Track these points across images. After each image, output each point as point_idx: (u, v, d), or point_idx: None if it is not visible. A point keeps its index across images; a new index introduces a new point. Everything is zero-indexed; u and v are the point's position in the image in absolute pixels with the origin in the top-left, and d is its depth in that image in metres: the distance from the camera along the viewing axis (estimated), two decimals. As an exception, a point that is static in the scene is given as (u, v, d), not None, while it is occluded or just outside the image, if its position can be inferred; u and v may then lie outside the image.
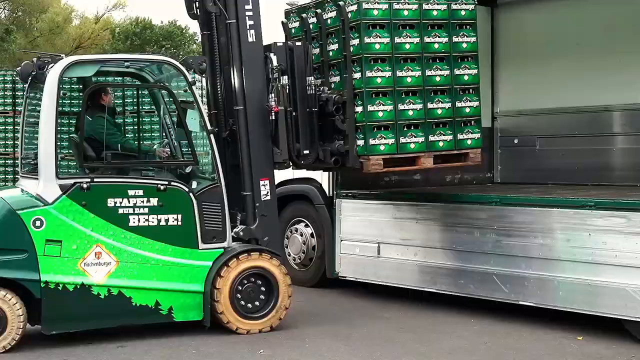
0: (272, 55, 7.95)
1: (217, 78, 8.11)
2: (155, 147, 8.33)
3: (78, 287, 7.11)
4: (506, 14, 10.25)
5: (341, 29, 7.95)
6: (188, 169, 7.79)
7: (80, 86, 8.12)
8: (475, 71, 8.42)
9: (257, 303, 7.67)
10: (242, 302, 7.59)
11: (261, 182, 7.93)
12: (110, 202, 7.26)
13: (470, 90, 8.40)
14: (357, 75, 7.91)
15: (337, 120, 7.98)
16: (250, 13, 7.92)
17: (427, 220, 8.69)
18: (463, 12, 8.34)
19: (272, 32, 8.65)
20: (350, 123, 7.97)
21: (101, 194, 7.26)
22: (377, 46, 7.87)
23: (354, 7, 7.86)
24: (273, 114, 7.80)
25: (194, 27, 57.35)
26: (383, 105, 7.91)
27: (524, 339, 7.34)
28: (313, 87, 8.10)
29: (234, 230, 7.85)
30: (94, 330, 7.30)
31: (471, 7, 8.39)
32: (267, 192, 7.96)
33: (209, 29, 8.20)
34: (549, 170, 9.92)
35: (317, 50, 8.36)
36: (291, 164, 8.22)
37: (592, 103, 10.03)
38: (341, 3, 7.94)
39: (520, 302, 7.85)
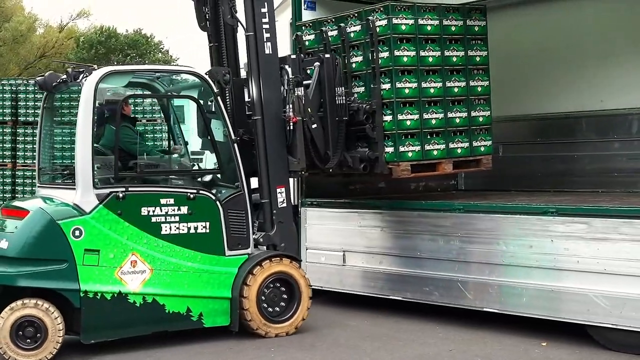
0: (287, 67, 8.28)
1: (225, 88, 8.23)
2: (176, 155, 8.38)
3: (115, 295, 7.19)
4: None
5: (370, 42, 8.38)
6: (208, 177, 7.91)
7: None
8: (487, 83, 8.93)
9: (282, 304, 7.89)
10: (267, 307, 7.78)
11: (278, 190, 8.15)
12: (144, 211, 7.37)
13: (483, 101, 8.97)
14: (386, 86, 8.36)
15: (367, 129, 8.39)
16: (267, 26, 8.21)
17: (392, 228, 8.73)
18: (476, 28, 8.91)
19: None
20: (379, 131, 8.30)
21: (135, 203, 7.35)
22: (405, 59, 8.33)
23: (383, 22, 8.31)
24: (291, 124, 8.05)
25: (159, 35, 57.22)
26: (410, 114, 8.38)
27: (489, 346, 7.37)
28: (343, 97, 8.40)
29: (253, 236, 8.00)
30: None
31: (483, 23, 8.95)
32: (284, 199, 8.19)
33: (217, 40, 8.46)
34: (511, 177, 10.02)
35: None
36: (305, 172, 8.42)
37: (554, 110, 10.17)
38: (370, 17, 8.32)
39: (485, 309, 7.91)
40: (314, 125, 8.31)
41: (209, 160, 8.21)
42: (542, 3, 10.38)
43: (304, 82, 8.43)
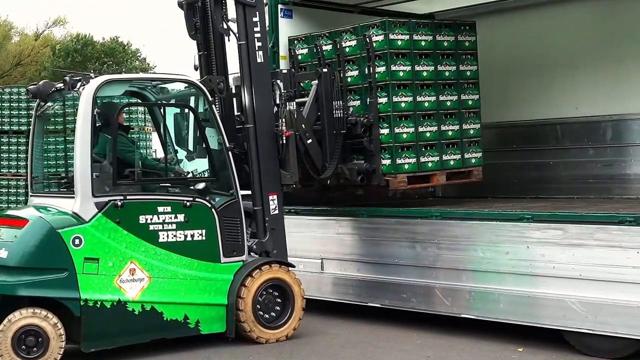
0: (278, 81, 8.39)
1: (215, 99, 8.26)
2: (173, 162, 8.38)
3: (115, 304, 7.19)
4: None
5: (366, 56, 8.62)
6: (201, 185, 7.92)
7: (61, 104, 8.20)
8: (477, 96, 9.22)
9: (273, 313, 7.96)
10: (262, 313, 7.84)
11: (270, 197, 8.23)
12: (142, 219, 7.40)
13: (473, 114, 9.29)
14: (383, 100, 8.58)
15: (365, 141, 8.63)
16: (259, 35, 8.31)
17: (369, 235, 8.75)
18: (467, 43, 9.21)
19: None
20: (377, 144, 8.54)
21: (133, 211, 7.36)
22: (401, 73, 8.60)
23: (380, 38, 8.55)
24: (284, 138, 8.13)
25: (136, 43, 57.00)
26: (406, 127, 8.65)
27: (466, 352, 7.41)
28: (341, 111, 8.56)
29: (247, 243, 8.06)
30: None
31: (473, 38, 9.25)
32: (276, 207, 8.27)
33: (206, 49, 8.51)
34: (488, 184, 10.05)
35: None
36: (297, 185, 8.46)
37: (529, 117, 10.26)
38: (367, 33, 8.57)
39: (462, 315, 7.94)
40: (309, 141, 8.46)
41: (202, 168, 8.25)
42: (515, 12, 10.50)
43: (300, 97, 8.63)
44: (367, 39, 8.57)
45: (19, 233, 7.08)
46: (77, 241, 7.06)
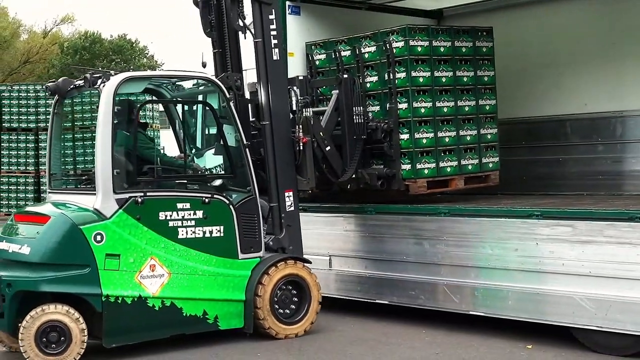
0: (295, 88, 8.49)
1: (230, 97, 8.25)
2: (189, 159, 8.36)
3: (135, 299, 7.24)
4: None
5: (386, 62, 8.73)
6: (217, 182, 7.94)
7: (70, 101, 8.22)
8: (494, 101, 9.31)
9: (288, 310, 7.99)
10: (279, 308, 7.89)
11: (286, 194, 8.27)
12: (162, 216, 7.44)
13: (490, 119, 9.40)
14: (403, 106, 8.70)
15: (385, 147, 8.74)
16: (275, 33, 8.35)
17: (377, 232, 8.74)
18: (484, 49, 9.31)
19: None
20: (397, 149, 8.64)
21: (153, 208, 7.40)
22: (421, 79, 8.71)
23: (400, 44, 8.65)
24: (301, 144, 8.20)
25: (144, 40, 57.08)
26: (426, 132, 8.79)
27: (475, 349, 7.39)
28: (362, 116, 8.62)
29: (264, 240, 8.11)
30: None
31: (490, 44, 9.35)
32: (291, 203, 8.31)
33: (221, 47, 8.55)
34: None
35: None
36: (313, 190, 8.53)
37: (538, 113, 10.23)
38: (387, 39, 8.68)
39: (471, 312, 7.92)
40: (328, 148, 8.52)
41: (214, 164, 8.26)
42: (526, 8, 10.46)
43: (318, 102, 8.72)
44: (387, 45, 8.62)
45: (41, 229, 7.12)
46: (98, 237, 7.10)
